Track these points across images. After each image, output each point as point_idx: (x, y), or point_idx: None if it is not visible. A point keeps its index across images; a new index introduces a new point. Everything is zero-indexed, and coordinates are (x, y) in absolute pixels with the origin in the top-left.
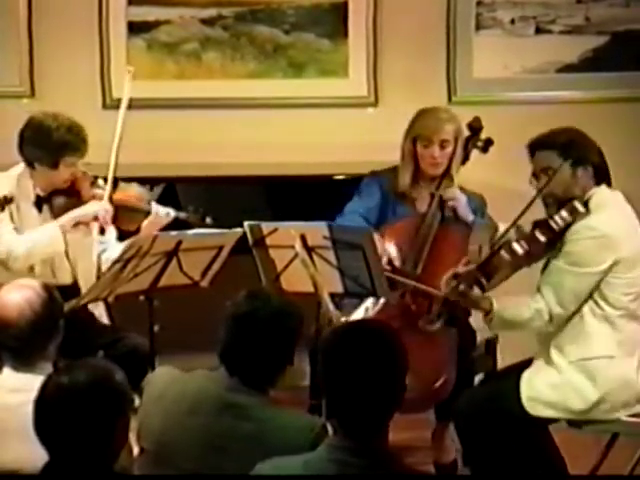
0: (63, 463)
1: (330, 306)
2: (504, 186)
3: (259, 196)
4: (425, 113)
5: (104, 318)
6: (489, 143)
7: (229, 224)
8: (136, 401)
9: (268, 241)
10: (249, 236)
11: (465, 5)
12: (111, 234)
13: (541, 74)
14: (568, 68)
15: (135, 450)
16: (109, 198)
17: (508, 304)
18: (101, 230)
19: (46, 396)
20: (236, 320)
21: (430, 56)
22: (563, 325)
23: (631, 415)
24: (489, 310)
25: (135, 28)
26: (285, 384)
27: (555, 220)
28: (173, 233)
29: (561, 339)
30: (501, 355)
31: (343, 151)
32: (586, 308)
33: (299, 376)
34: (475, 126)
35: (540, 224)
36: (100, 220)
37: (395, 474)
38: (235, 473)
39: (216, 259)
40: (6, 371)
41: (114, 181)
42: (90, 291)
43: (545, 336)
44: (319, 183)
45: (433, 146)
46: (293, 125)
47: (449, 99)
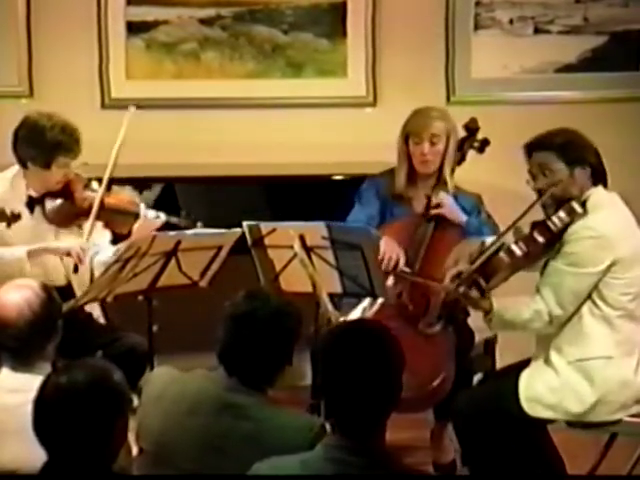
0: (62, 463)
1: (329, 306)
2: (503, 186)
3: (258, 196)
4: (417, 111)
5: (102, 318)
6: (485, 143)
7: (228, 224)
8: (135, 401)
9: (267, 241)
10: (248, 236)
11: (464, 5)
12: (104, 237)
13: (540, 74)
14: (567, 68)
15: (134, 450)
16: (100, 202)
17: (508, 305)
18: (75, 268)
19: (45, 396)
20: (235, 320)
21: (429, 56)
22: (562, 325)
23: (630, 415)
24: (489, 310)
25: (134, 28)
26: (284, 384)
27: (553, 221)
28: (172, 233)
29: (559, 339)
30: (500, 355)
31: (342, 151)
32: (585, 308)
33: (298, 376)
34: (471, 127)
35: (538, 225)
36: (73, 256)
37: (394, 474)
38: (234, 473)
39: (215, 259)
40: (5, 371)
41: (108, 184)
42: (89, 291)
43: (544, 336)
44: (318, 183)
45: (423, 142)
46: (292, 125)
47: (448, 99)
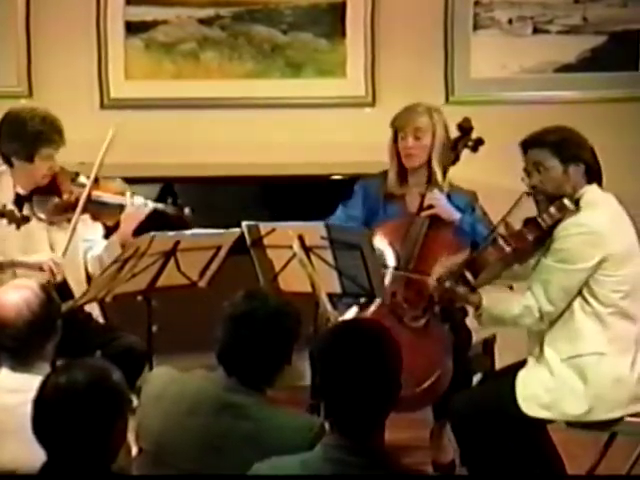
0: (61, 463)
1: (328, 306)
2: (502, 186)
3: (256, 196)
4: (404, 108)
5: (101, 318)
6: (479, 143)
7: (227, 224)
8: (134, 401)
9: (266, 241)
10: (247, 236)
11: (463, 5)
12: (97, 232)
13: (539, 74)
14: (566, 68)
15: (134, 450)
16: (88, 194)
17: (498, 300)
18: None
19: (44, 396)
20: (234, 320)
21: (428, 56)
22: (555, 322)
23: (629, 415)
24: (478, 305)
25: (133, 28)
26: (284, 384)
27: (543, 217)
28: (171, 233)
29: (553, 337)
30: (499, 355)
31: (341, 151)
32: (576, 305)
33: (298, 376)
34: (465, 126)
35: (529, 221)
36: (45, 271)
37: (394, 474)
38: (234, 473)
39: (214, 259)
40: (4, 371)
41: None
42: (88, 291)
43: (538, 333)
44: (317, 183)
45: (407, 137)
46: (291, 125)
47: (447, 99)
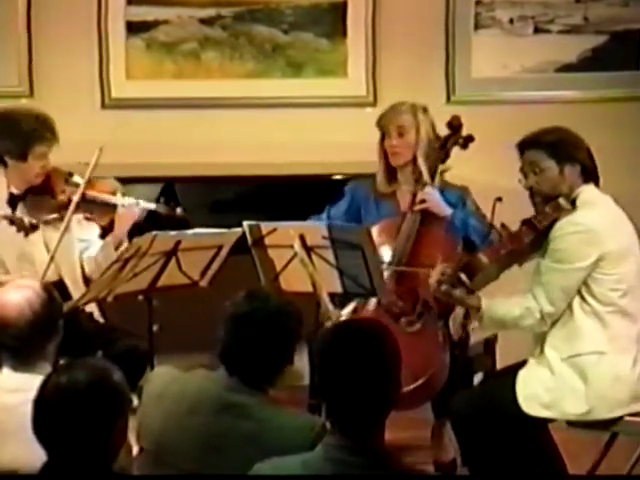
0: (62, 463)
1: (329, 306)
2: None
3: (258, 196)
4: (388, 107)
5: (101, 318)
6: (469, 140)
7: (228, 224)
8: (134, 401)
9: (267, 241)
10: (248, 236)
11: (464, 5)
12: (93, 232)
13: (540, 74)
14: (567, 68)
15: (135, 449)
16: (81, 194)
17: (498, 303)
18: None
19: (45, 396)
20: (235, 320)
21: (429, 55)
22: (555, 322)
23: (630, 415)
24: (478, 308)
25: (134, 28)
26: (284, 384)
27: (539, 218)
28: (172, 233)
29: (553, 336)
30: (500, 355)
31: (342, 151)
32: (576, 304)
33: (298, 376)
34: (454, 124)
35: (525, 222)
36: None
37: (394, 474)
38: (234, 473)
39: (215, 259)
40: (5, 371)
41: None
42: (89, 291)
43: (539, 333)
44: (318, 183)
45: (392, 135)
46: (292, 125)
47: (448, 99)
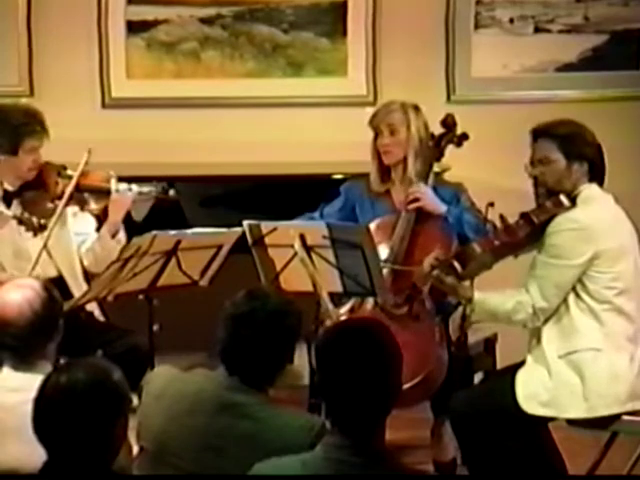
0: (62, 462)
1: (329, 305)
2: (503, 185)
3: (258, 195)
4: (379, 106)
5: (101, 317)
6: (463, 138)
7: (228, 223)
8: (134, 401)
9: (267, 240)
10: (248, 235)
11: (464, 4)
12: (90, 225)
13: (540, 73)
14: (567, 67)
15: (135, 449)
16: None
17: (491, 295)
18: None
19: (45, 395)
20: (235, 319)
21: (429, 55)
22: (551, 318)
23: (630, 413)
24: (470, 298)
25: (134, 27)
26: (284, 383)
27: (537, 212)
28: (172, 232)
29: (550, 333)
30: (500, 354)
31: (342, 150)
32: (571, 301)
33: (298, 375)
34: (448, 122)
35: (523, 215)
36: None
37: (394, 474)
38: (234, 472)
39: (215, 258)
40: (5, 370)
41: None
42: (89, 290)
43: (536, 331)
44: (318, 182)
45: (383, 134)
46: (292, 124)
47: (448, 98)
